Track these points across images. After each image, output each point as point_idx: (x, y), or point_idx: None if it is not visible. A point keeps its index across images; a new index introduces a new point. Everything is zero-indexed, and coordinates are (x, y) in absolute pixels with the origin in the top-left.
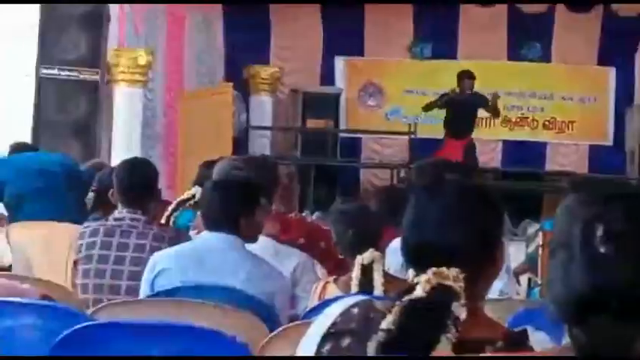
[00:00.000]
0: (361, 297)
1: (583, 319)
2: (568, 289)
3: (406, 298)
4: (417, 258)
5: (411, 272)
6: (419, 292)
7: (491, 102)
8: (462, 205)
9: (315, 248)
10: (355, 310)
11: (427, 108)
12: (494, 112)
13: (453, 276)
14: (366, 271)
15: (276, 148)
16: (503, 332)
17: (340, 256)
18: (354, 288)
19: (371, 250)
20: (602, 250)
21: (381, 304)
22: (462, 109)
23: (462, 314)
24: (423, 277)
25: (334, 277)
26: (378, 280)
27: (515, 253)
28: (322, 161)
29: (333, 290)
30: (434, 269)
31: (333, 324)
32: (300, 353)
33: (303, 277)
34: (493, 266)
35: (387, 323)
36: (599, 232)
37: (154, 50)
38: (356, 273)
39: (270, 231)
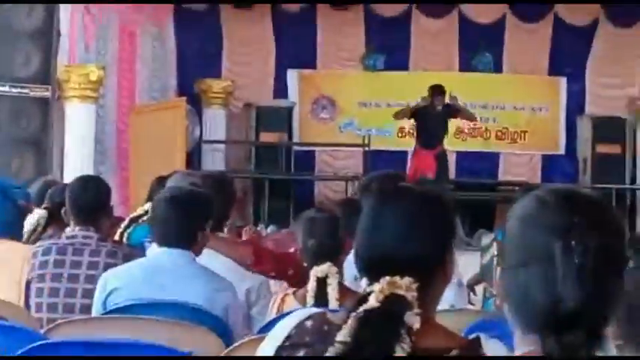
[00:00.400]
0: (315, 310)
1: (562, 330)
2: (551, 302)
3: (360, 309)
4: (370, 267)
5: (364, 282)
6: (372, 302)
7: (455, 106)
8: (420, 213)
9: (285, 277)
10: (309, 323)
11: (397, 116)
12: (468, 117)
13: (405, 285)
14: (322, 284)
15: (229, 162)
16: (457, 341)
17: (305, 265)
18: (310, 300)
19: (328, 263)
20: (586, 263)
21: (334, 317)
22: (433, 121)
23: (416, 324)
24: (377, 287)
25: (294, 289)
26: (332, 294)
27: (469, 263)
28: (276, 175)
29: (291, 303)
30: (387, 278)
31: (288, 337)
32: None
33: (259, 300)
34: (444, 274)
35: (342, 335)
36: (580, 245)
37: (106, 65)
38: (311, 285)
39: (243, 260)
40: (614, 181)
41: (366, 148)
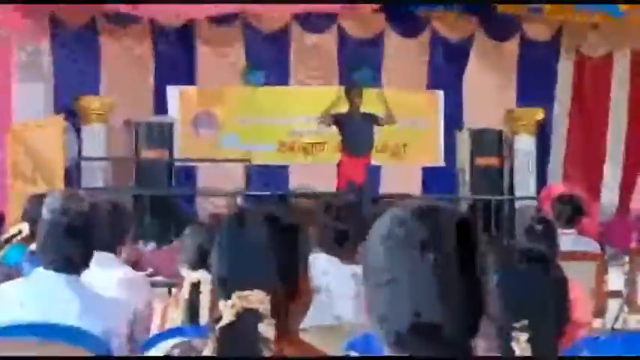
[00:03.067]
0: (180, 339)
1: (428, 345)
2: (414, 317)
3: (217, 327)
4: (223, 286)
5: (221, 302)
6: (227, 318)
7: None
8: (263, 234)
9: None
10: (176, 352)
11: (323, 120)
12: (391, 121)
13: (257, 299)
14: (194, 290)
15: (110, 179)
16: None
17: None
18: (182, 305)
19: (202, 270)
20: (444, 275)
21: (198, 342)
22: (357, 126)
23: (270, 334)
24: (229, 303)
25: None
26: (204, 300)
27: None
28: (158, 191)
29: (172, 313)
30: (238, 293)
31: None
32: None
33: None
34: (299, 291)
35: (206, 354)
36: (438, 258)
37: None
38: (184, 291)
39: None
40: (493, 193)
41: (247, 164)
